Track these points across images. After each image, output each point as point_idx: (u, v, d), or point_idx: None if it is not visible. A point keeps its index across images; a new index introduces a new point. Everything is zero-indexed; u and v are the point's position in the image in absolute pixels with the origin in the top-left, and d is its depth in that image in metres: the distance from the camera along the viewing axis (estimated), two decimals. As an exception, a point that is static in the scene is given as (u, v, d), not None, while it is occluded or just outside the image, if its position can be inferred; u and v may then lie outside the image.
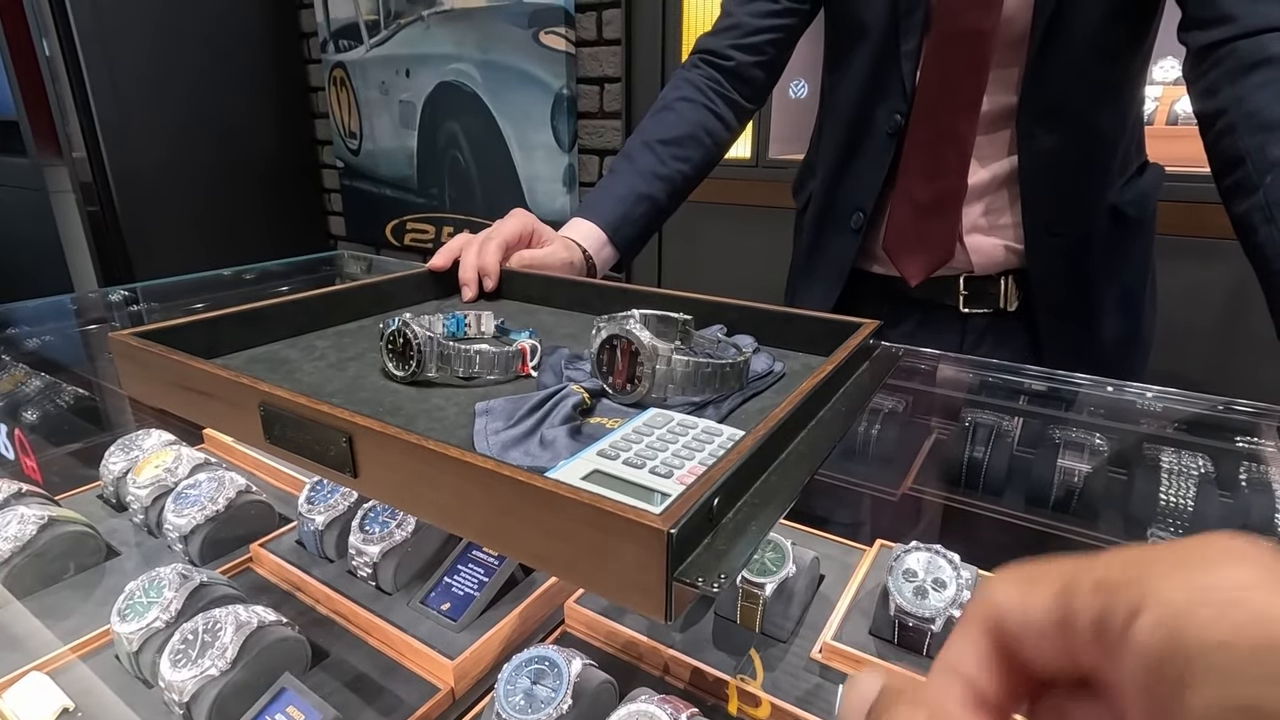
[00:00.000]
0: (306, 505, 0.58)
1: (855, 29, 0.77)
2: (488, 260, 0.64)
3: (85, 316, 0.96)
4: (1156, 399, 0.61)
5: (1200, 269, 1.22)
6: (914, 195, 0.76)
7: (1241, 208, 0.56)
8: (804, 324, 0.50)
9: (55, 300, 0.94)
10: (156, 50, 2.17)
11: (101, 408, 0.85)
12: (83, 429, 0.82)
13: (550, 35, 1.86)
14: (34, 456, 0.75)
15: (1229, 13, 0.59)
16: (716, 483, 0.25)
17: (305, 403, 0.32)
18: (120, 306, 0.94)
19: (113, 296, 0.97)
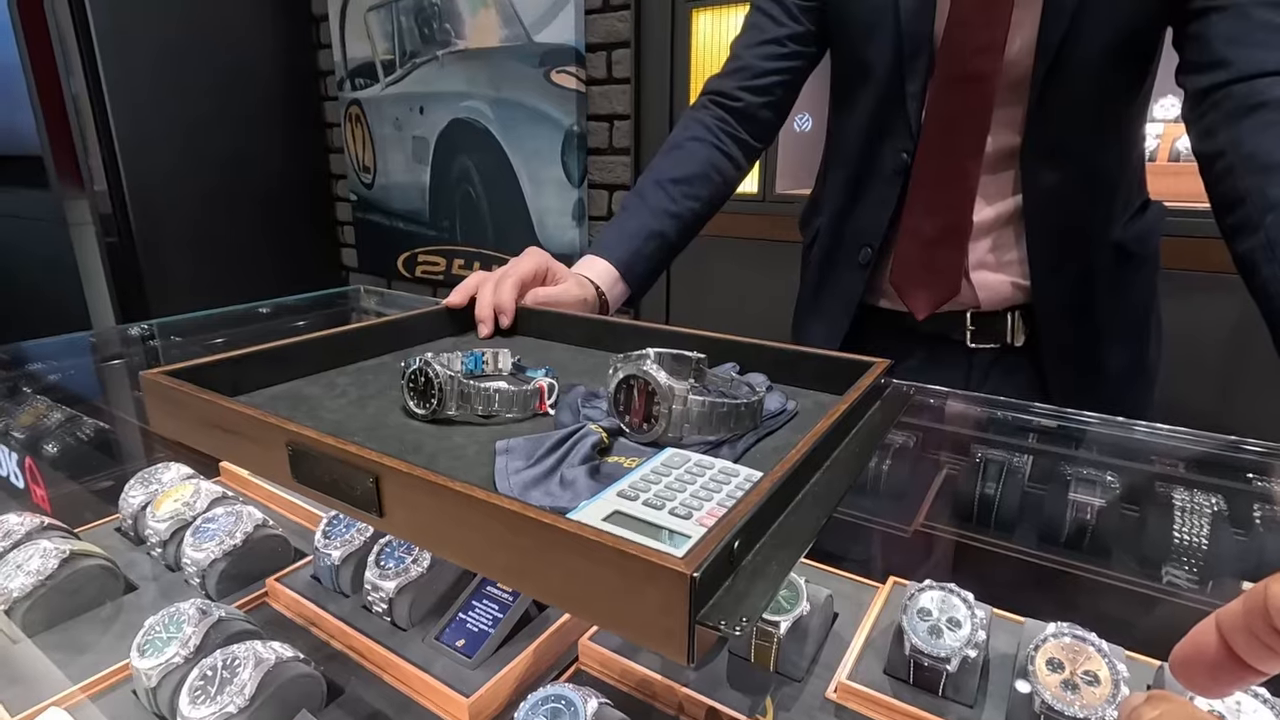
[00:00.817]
0: (323, 540, 0.58)
1: (861, 71, 0.80)
2: (503, 298, 0.65)
3: (105, 352, 0.98)
4: (1167, 437, 0.61)
5: (1205, 302, 1.23)
6: (920, 231, 0.78)
7: (1244, 247, 0.57)
8: (815, 363, 0.50)
9: (76, 337, 0.96)
10: (178, 87, 2.24)
11: (118, 441, 0.86)
12: (100, 462, 0.83)
13: (561, 74, 1.91)
14: (44, 486, 0.76)
15: (1224, 58, 0.61)
16: (736, 525, 0.26)
17: (333, 443, 0.33)
18: (139, 341, 0.96)
19: (132, 331, 0.99)
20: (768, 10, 0.85)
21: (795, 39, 0.84)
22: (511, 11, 1.95)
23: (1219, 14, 0.62)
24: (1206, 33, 0.62)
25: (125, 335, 0.99)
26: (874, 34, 0.76)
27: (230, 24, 2.32)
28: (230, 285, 2.44)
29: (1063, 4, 0.67)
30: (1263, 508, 0.55)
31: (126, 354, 0.95)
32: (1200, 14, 0.63)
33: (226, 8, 2.30)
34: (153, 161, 2.22)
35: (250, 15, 2.38)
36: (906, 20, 0.74)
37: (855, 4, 0.77)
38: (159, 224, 2.27)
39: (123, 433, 0.87)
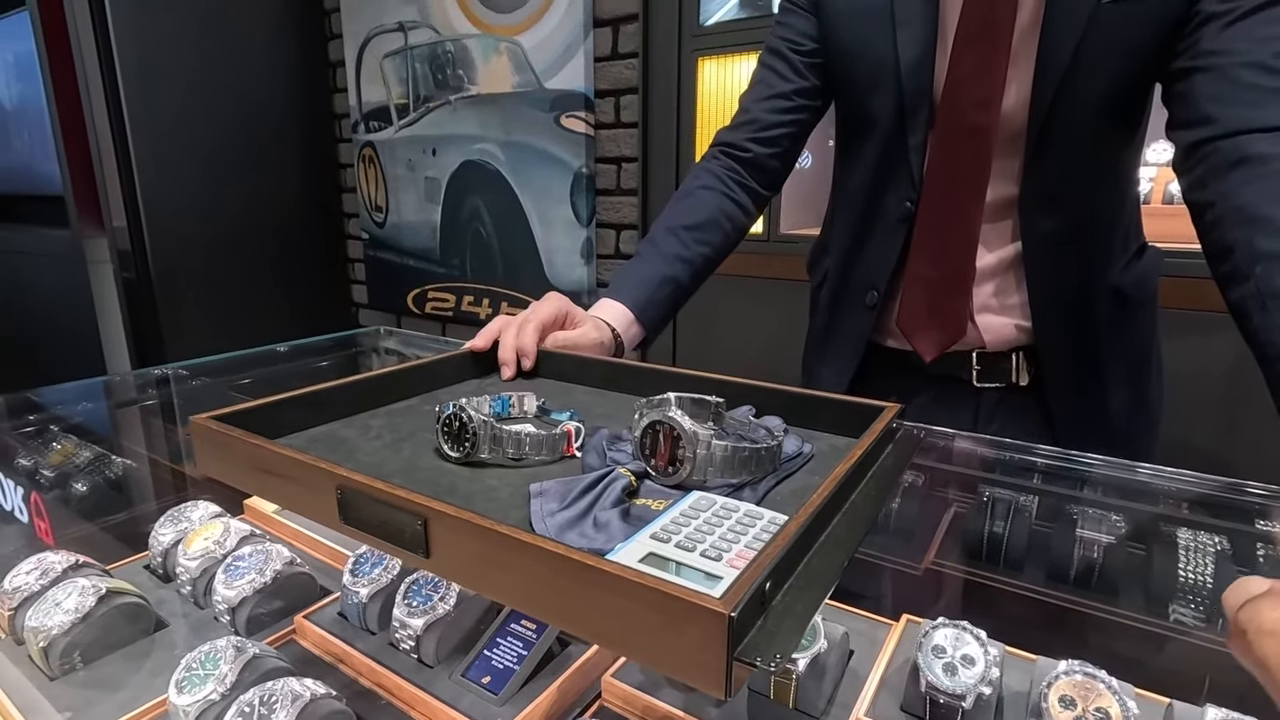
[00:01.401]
0: (350, 578, 0.60)
1: (865, 123, 0.84)
2: (525, 341, 0.68)
3: (124, 396, 1.00)
4: (1171, 479, 0.63)
5: (1204, 341, 1.25)
6: (926, 278, 0.81)
7: (1235, 295, 0.59)
8: (829, 406, 0.53)
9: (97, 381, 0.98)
10: (199, 127, 2.31)
11: (141, 481, 0.88)
12: (115, 501, 0.84)
13: (571, 119, 1.97)
14: (49, 520, 0.78)
15: (1210, 115, 0.64)
16: (767, 567, 0.28)
17: (382, 487, 0.36)
18: (164, 383, 0.98)
19: (156, 372, 1.01)
20: (774, 67, 0.89)
21: (801, 93, 0.88)
22: (523, 59, 2.02)
23: (1203, 74, 0.65)
24: (1193, 91, 0.66)
25: (150, 377, 1.01)
26: (876, 89, 0.81)
27: (251, 68, 2.40)
28: (243, 319, 2.48)
29: (1055, 63, 0.71)
30: (1265, 547, 0.57)
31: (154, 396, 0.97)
32: (1186, 73, 0.67)
33: (248, 52, 2.39)
34: (171, 199, 2.28)
35: (270, 61, 2.47)
36: (907, 76, 0.78)
37: (858, 61, 0.82)
38: (175, 259, 2.32)
39: (144, 473, 0.89)
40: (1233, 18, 0.63)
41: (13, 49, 2.45)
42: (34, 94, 2.36)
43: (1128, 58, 0.69)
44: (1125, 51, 0.69)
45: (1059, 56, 0.70)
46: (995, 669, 0.45)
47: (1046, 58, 0.71)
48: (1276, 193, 0.57)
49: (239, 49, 2.37)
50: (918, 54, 0.76)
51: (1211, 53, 0.64)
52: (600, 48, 1.91)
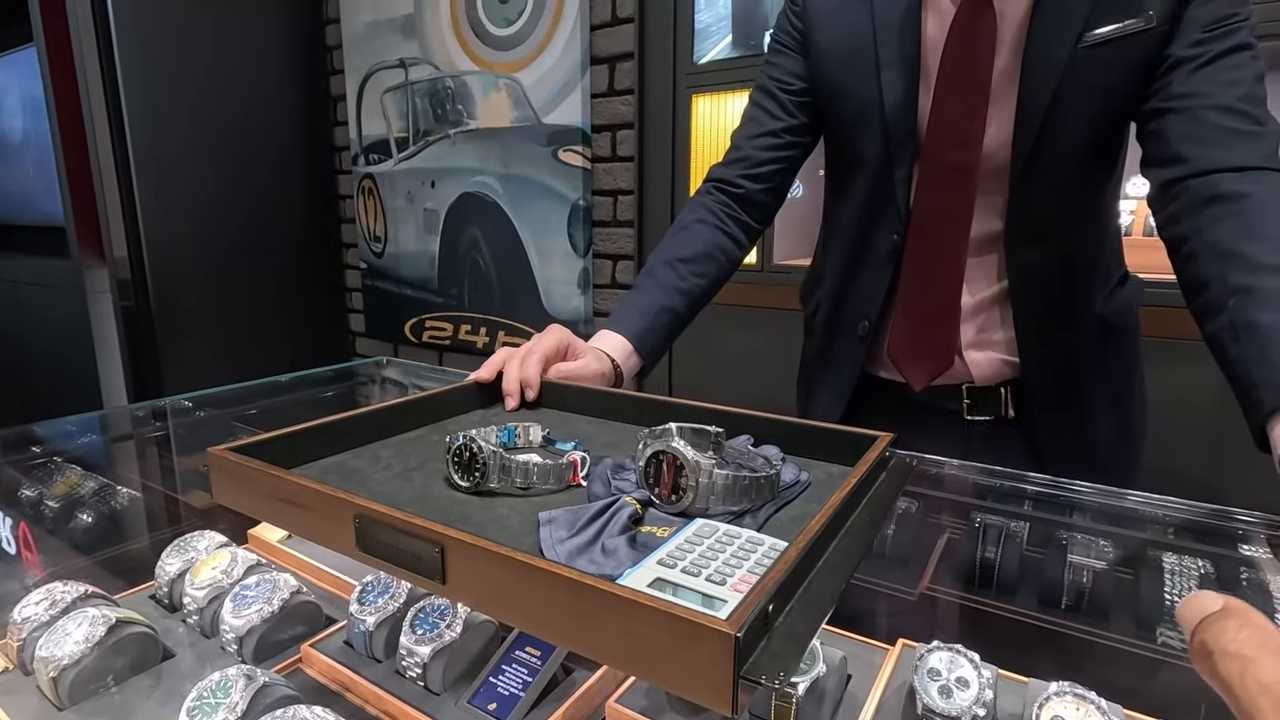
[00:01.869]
0: (357, 606, 0.61)
1: (853, 158, 0.87)
2: (529, 373, 0.70)
3: (129, 427, 1.01)
4: (1157, 505, 0.65)
5: (1186, 368, 1.28)
6: (916, 310, 0.83)
7: (1211, 327, 0.62)
8: (825, 436, 0.55)
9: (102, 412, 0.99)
10: (202, 157, 2.36)
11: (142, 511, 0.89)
12: (123, 532, 0.85)
13: (568, 152, 2.01)
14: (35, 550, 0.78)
15: (1182, 155, 0.68)
16: (770, 591, 0.30)
17: (400, 516, 0.37)
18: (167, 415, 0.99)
19: (160, 404, 1.03)
20: (764, 105, 0.93)
21: (790, 131, 0.92)
22: (522, 95, 2.08)
23: (1175, 115, 0.69)
24: (1165, 131, 0.70)
25: (155, 409, 1.02)
26: (863, 127, 0.84)
27: (253, 102, 2.45)
28: (240, 344, 2.50)
29: (1034, 105, 0.74)
30: (1248, 571, 0.59)
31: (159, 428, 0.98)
32: (1158, 114, 0.71)
33: (251, 87, 2.44)
34: (172, 228, 2.31)
35: (272, 95, 2.52)
36: (891, 115, 0.81)
37: (844, 100, 0.85)
38: (174, 287, 2.34)
39: (147, 504, 0.89)
40: (1200, 62, 0.67)
41: (20, 84, 2.49)
42: (39, 127, 2.40)
43: (1103, 100, 0.73)
44: (1101, 94, 0.73)
45: (1038, 99, 0.74)
46: (989, 691, 0.47)
47: (1026, 100, 0.75)
48: (1247, 229, 0.61)
49: (242, 84, 2.42)
50: (901, 95, 0.80)
51: (1182, 95, 0.68)
52: (597, 84, 1.97)
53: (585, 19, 1.93)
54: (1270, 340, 0.55)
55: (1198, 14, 0.68)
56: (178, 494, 0.86)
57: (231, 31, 2.36)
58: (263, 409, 0.97)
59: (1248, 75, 0.66)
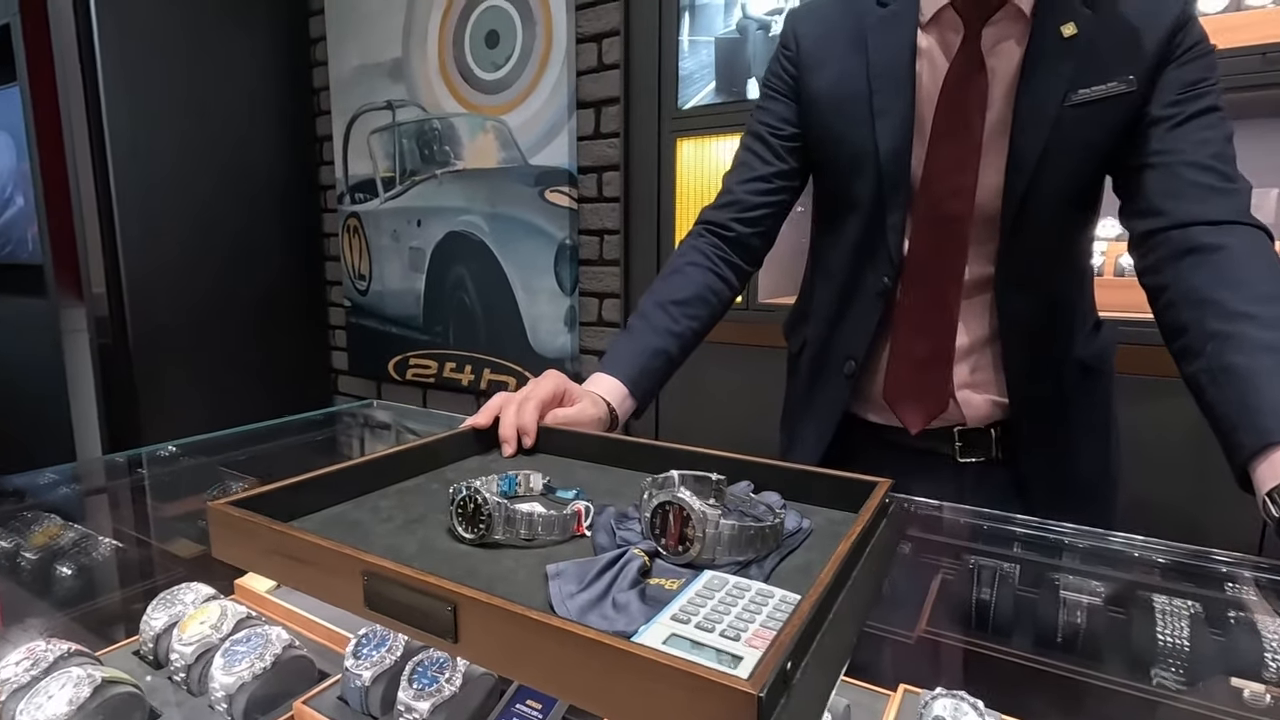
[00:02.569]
0: (353, 660, 0.59)
1: (845, 202, 0.89)
2: (526, 419, 0.70)
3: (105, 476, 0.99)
4: (1141, 547, 0.66)
5: (1156, 403, 1.32)
6: (911, 353, 0.85)
7: (1190, 370, 0.65)
8: (824, 482, 0.56)
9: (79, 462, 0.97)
10: (186, 196, 2.35)
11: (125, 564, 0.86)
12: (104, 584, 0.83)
13: (555, 193, 2.04)
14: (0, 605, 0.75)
15: (1160, 208, 0.72)
16: (788, 647, 0.30)
17: (411, 574, 0.37)
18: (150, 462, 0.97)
19: (144, 451, 1.01)
20: (755, 150, 0.95)
21: (780, 176, 0.94)
22: (509, 137, 2.11)
23: (1152, 170, 0.73)
24: (1144, 185, 0.73)
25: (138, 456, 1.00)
26: (857, 173, 0.87)
27: (240, 139, 2.46)
28: (221, 383, 2.46)
29: (1024, 159, 0.78)
30: (1235, 612, 0.60)
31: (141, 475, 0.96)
32: (1138, 169, 0.75)
33: (238, 124, 2.45)
34: (155, 264, 2.29)
35: (260, 134, 2.53)
36: (886, 163, 0.84)
37: (838, 146, 0.88)
38: (155, 323, 2.31)
39: (131, 554, 0.87)
40: (1176, 122, 0.71)
41: (2, 122, 2.48)
42: (20, 165, 2.39)
43: (1087, 154, 0.77)
44: (1085, 149, 0.77)
45: (1028, 154, 0.77)
46: (994, 739, 0.47)
47: (1016, 155, 0.78)
48: (1222, 278, 0.64)
49: (228, 122, 2.43)
50: (896, 143, 0.83)
51: (1159, 152, 0.72)
52: (583, 127, 2.01)
53: (572, 65, 1.98)
54: (1247, 383, 0.58)
55: (1173, 77, 0.72)
56: (161, 543, 0.84)
57: (218, 71, 2.38)
58: (251, 455, 0.95)
59: (1219, 135, 0.71)
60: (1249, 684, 0.55)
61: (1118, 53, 0.74)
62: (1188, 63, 0.73)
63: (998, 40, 0.78)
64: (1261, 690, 0.55)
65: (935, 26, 0.81)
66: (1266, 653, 0.56)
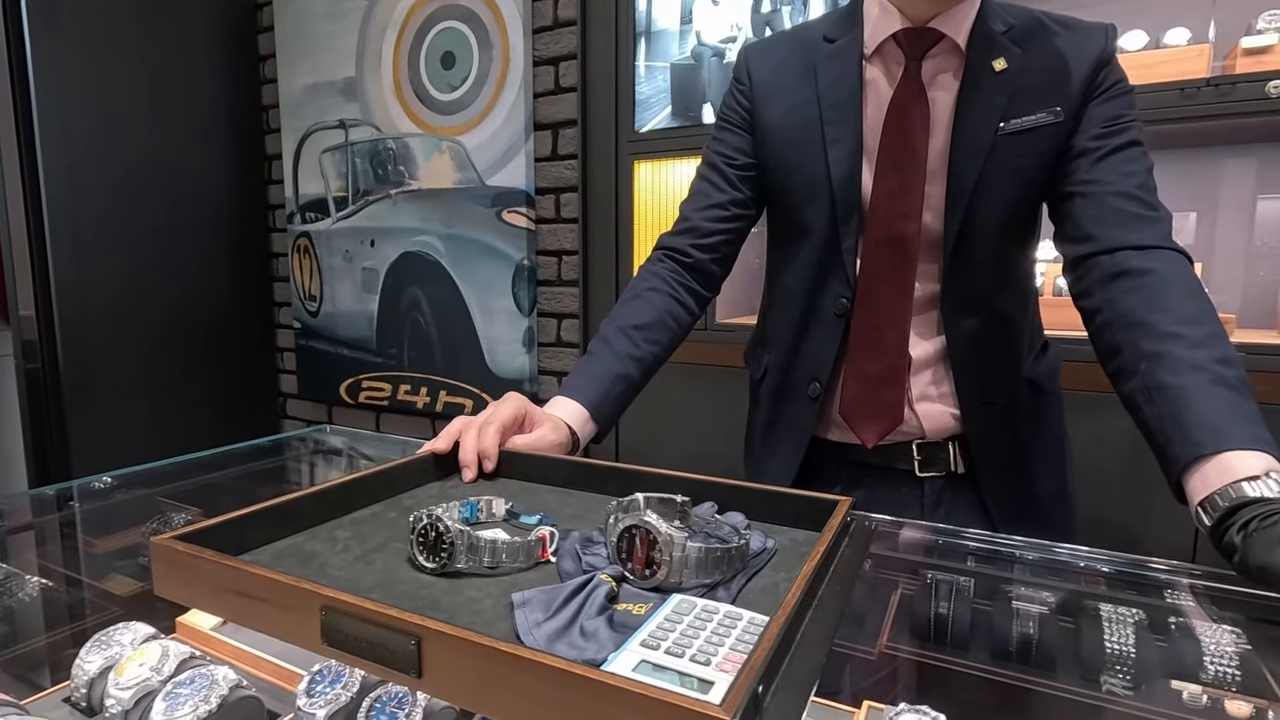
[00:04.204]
0: (306, 699, 0.57)
1: (800, 229, 0.92)
2: (487, 444, 0.69)
3: (32, 510, 0.93)
4: (1087, 558, 0.69)
5: (1103, 420, 1.38)
6: (864, 372, 0.87)
7: (1126, 389, 0.68)
8: (786, 501, 0.56)
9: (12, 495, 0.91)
10: (123, 214, 2.25)
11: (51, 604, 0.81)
12: (27, 626, 0.77)
13: (512, 214, 2.04)
14: None
15: (1090, 234, 0.76)
16: (759, 671, 0.30)
17: (372, 607, 0.36)
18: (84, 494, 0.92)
19: (77, 483, 0.95)
20: (711, 179, 0.97)
21: (736, 204, 0.96)
22: (465, 158, 2.10)
23: (1081, 199, 0.77)
24: (1075, 212, 0.78)
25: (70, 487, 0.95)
26: (811, 201, 0.89)
27: (184, 157, 2.39)
28: (161, 406, 2.35)
29: (962, 185, 0.81)
30: (1175, 619, 0.63)
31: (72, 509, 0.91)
32: (1069, 197, 0.79)
33: (183, 142, 2.38)
34: (89, 284, 2.18)
35: (205, 152, 2.46)
36: (838, 189, 0.87)
37: (793, 174, 0.91)
38: (88, 346, 2.20)
39: (62, 594, 0.82)
40: (1101, 154, 0.76)
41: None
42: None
43: (1020, 181, 0.81)
44: (1018, 175, 0.81)
45: (965, 179, 0.81)
46: (957, 753, 0.48)
47: (955, 180, 0.82)
48: (1152, 301, 0.68)
49: (172, 140, 2.35)
50: (847, 170, 0.86)
51: (1087, 181, 0.76)
52: (540, 149, 2.01)
53: (529, 87, 1.99)
54: (1179, 400, 0.61)
55: (1096, 112, 0.77)
56: (95, 581, 0.79)
57: (161, 85, 2.31)
58: (194, 486, 0.91)
59: (1140, 168, 0.76)
60: (1188, 686, 0.57)
61: (1045, 87, 0.79)
62: (1110, 99, 0.79)
63: (936, 72, 0.82)
64: (1199, 691, 0.57)
65: (879, 58, 0.85)
66: (1205, 656, 0.58)
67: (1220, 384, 0.61)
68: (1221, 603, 0.64)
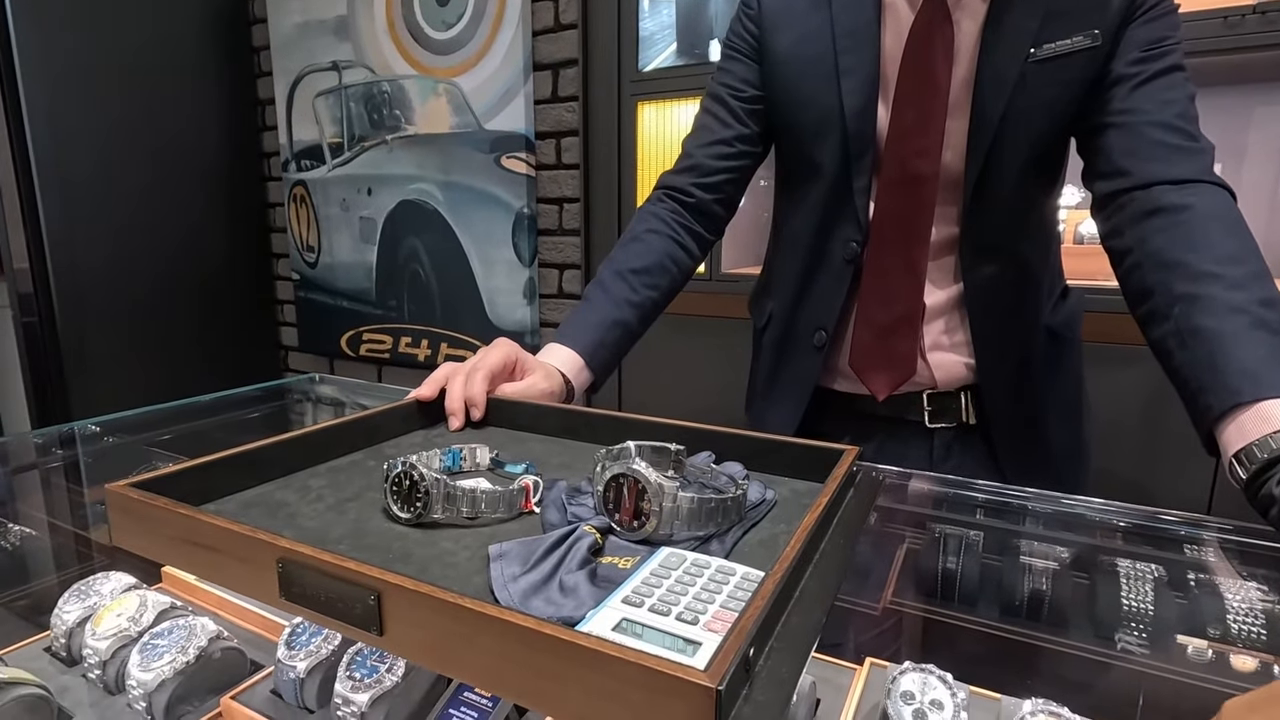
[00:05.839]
0: (285, 651, 0.55)
1: (810, 167, 0.86)
2: (474, 391, 0.65)
3: (26, 457, 0.91)
4: (1110, 511, 0.65)
5: (1121, 372, 1.33)
6: (875, 320, 0.83)
7: (1156, 334, 0.63)
8: (788, 451, 0.53)
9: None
10: (114, 162, 2.19)
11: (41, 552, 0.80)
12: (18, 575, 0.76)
13: (511, 159, 1.97)
14: None
15: (1123, 168, 0.70)
16: (750, 632, 0.27)
17: (330, 559, 0.33)
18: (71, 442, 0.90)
19: (62, 430, 0.93)
20: (715, 112, 0.91)
21: (742, 140, 0.90)
22: (463, 101, 2.02)
23: (1115, 130, 0.71)
24: (1107, 145, 0.71)
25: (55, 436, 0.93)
26: (821, 135, 0.83)
27: (174, 104, 2.31)
28: (159, 364, 2.33)
29: (987, 119, 0.75)
30: (1195, 574, 0.60)
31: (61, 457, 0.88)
32: (1101, 129, 0.73)
33: (171, 87, 2.30)
34: (81, 238, 2.14)
35: (195, 98, 2.38)
36: (851, 124, 0.80)
37: (802, 110, 0.84)
38: (84, 302, 2.17)
39: (46, 543, 0.80)
40: (1140, 80, 0.69)
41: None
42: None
43: (1050, 113, 0.75)
44: (1048, 107, 0.74)
45: (991, 113, 0.75)
46: (964, 713, 0.45)
47: (979, 113, 0.75)
48: (1189, 240, 0.62)
49: (162, 83, 2.27)
50: (861, 103, 0.80)
51: (1122, 111, 0.70)
52: (540, 91, 1.93)
53: (527, 24, 1.89)
54: (1215, 345, 0.56)
55: (1136, 35, 0.70)
56: (81, 530, 0.78)
57: (146, 28, 2.22)
58: (181, 434, 0.88)
59: (1182, 95, 0.69)
60: (1211, 645, 0.54)
61: (1082, 7, 0.72)
62: (1151, 20, 0.72)
63: None
64: (1204, 646, 0.54)
65: None
66: (1229, 615, 0.55)
67: (1261, 327, 0.56)
68: (1246, 558, 0.61)
